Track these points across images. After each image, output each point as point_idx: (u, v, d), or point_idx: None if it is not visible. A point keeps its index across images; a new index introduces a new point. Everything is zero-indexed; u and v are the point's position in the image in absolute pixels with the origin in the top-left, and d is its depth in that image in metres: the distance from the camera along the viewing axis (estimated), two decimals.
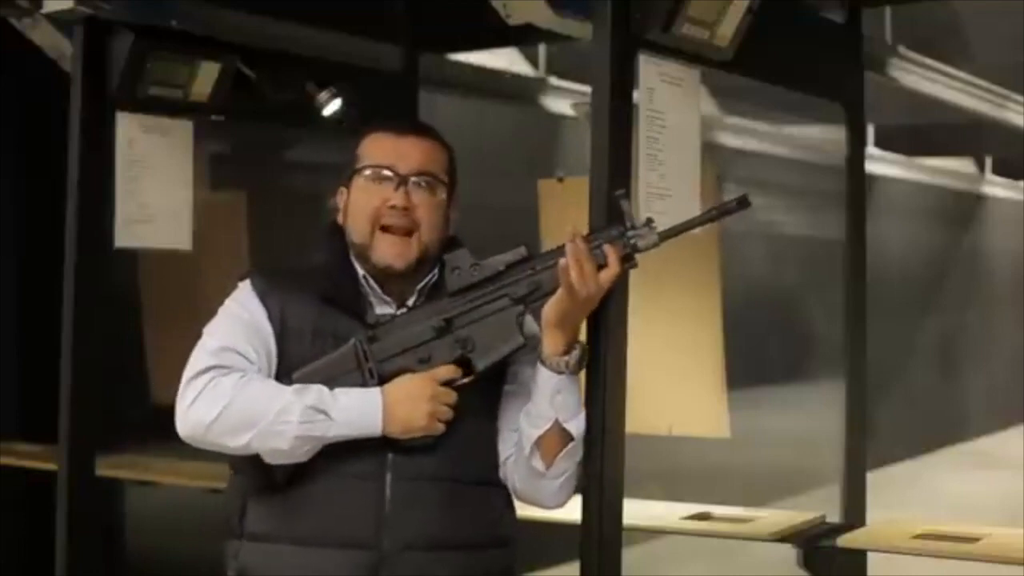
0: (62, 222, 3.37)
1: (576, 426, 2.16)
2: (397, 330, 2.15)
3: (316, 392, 2.09)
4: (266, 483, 2.13)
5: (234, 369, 2.10)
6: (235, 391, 2.08)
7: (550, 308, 2.13)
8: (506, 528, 2.24)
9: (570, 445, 2.16)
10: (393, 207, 2.16)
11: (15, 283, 4.59)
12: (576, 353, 2.16)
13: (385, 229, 2.17)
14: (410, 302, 2.21)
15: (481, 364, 2.14)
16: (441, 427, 2.10)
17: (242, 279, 2.23)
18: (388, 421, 2.08)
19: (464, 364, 2.14)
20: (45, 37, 3.44)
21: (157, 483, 3.86)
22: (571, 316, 2.15)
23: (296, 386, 2.10)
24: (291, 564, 2.12)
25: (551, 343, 2.14)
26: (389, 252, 2.16)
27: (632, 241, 2.18)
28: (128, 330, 4.12)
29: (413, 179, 2.18)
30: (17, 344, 4.54)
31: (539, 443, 2.14)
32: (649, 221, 2.21)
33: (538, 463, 2.15)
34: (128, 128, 3.46)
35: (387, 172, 2.18)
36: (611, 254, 2.15)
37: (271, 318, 2.16)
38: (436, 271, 2.21)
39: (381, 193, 2.17)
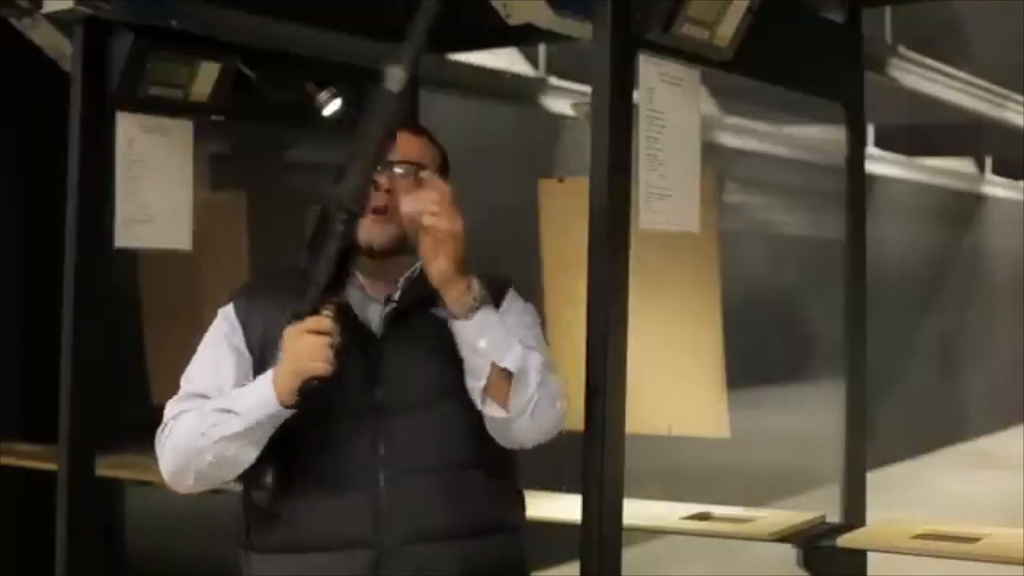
0: (62, 222, 3.37)
1: (512, 360, 2.10)
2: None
3: (225, 397, 2.12)
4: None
5: (221, 410, 2.12)
6: (168, 441, 2.15)
7: (429, 271, 2.10)
8: (508, 512, 2.23)
9: (515, 380, 2.11)
10: (376, 189, 2.15)
11: (15, 283, 4.59)
12: (475, 289, 2.11)
13: (368, 212, 2.15)
14: (396, 296, 2.20)
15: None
16: (318, 365, 2.03)
17: (228, 302, 2.25)
18: (280, 389, 2.06)
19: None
20: (45, 37, 3.44)
21: (157, 483, 3.85)
22: (447, 263, 2.09)
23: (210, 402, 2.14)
24: (297, 571, 2.13)
25: (448, 297, 2.10)
26: (369, 229, 2.15)
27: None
28: (128, 330, 4.12)
29: (397, 169, 2.18)
30: (17, 344, 4.54)
31: (488, 392, 2.11)
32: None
33: (496, 410, 2.11)
34: (128, 128, 3.46)
35: None
36: (429, 182, 2.13)
37: (250, 344, 2.19)
38: (419, 264, 2.18)
39: None
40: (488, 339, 2.10)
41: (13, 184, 4.59)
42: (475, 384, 2.12)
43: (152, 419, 2.20)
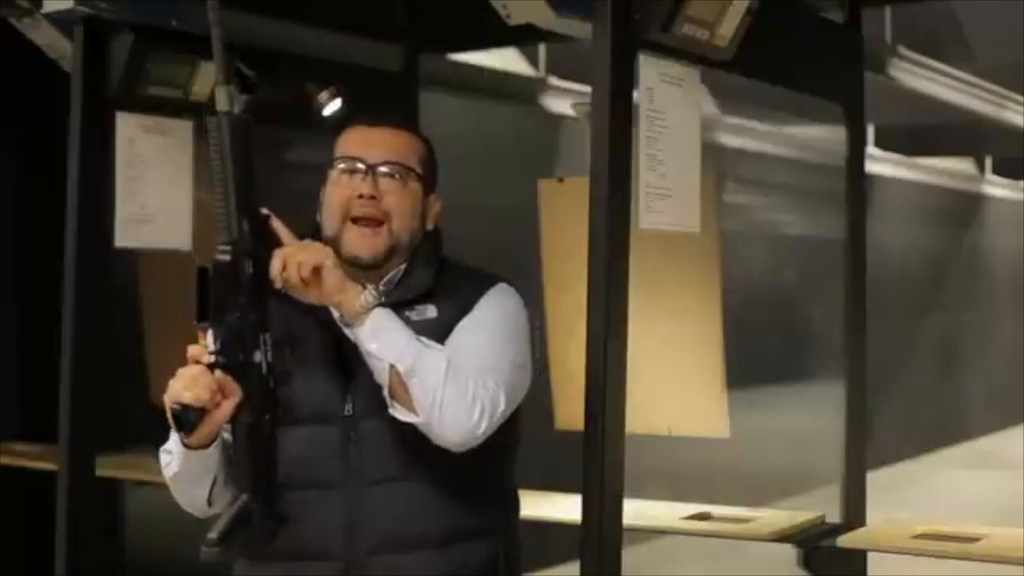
0: (62, 222, 3.37)
1: (404, 362, 2.02)
2: None
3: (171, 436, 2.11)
4: None
5: (164, 451, 2.14)
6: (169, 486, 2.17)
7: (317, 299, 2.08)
8: (486, 516, 2.18)
9: (407, 378, 2.02)
10: (361, 196, 2.13)
11: (16, 283, 4.59)
12: (364, 295, 2.05)
13: (355, 220, 2.13)
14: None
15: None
16: (180, 393, 1.95)
17: None
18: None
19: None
20: (45, 37, 3.44)
21: (157, 483, 3.85)
22: (321, 294, 2.05)
23: None
24: None
25: (339, 311, 2.06)
26: (357, 243, 2.13)
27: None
28: (128, 330, 4.12)
29: (382, 169, 2.15)
30: (18, 344, 4.54)
31: (393, 396, 2.03)
32: None
33: (405, 414, 2.04)
34: (128, 128, 3.46)
35: (357, 164, 2.16)
36: (280, 231, 2.06)
37: None
38: (403, 266, 2.17)
39: (351, 185, 2.15)
40: (380, 341, 2.03)
41: (13, 184, 4.59)
42: (384, 391, 2.05)
43: (152, 419, 2.19)
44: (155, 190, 3.51)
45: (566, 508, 3.22)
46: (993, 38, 7.09)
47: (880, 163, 9.94)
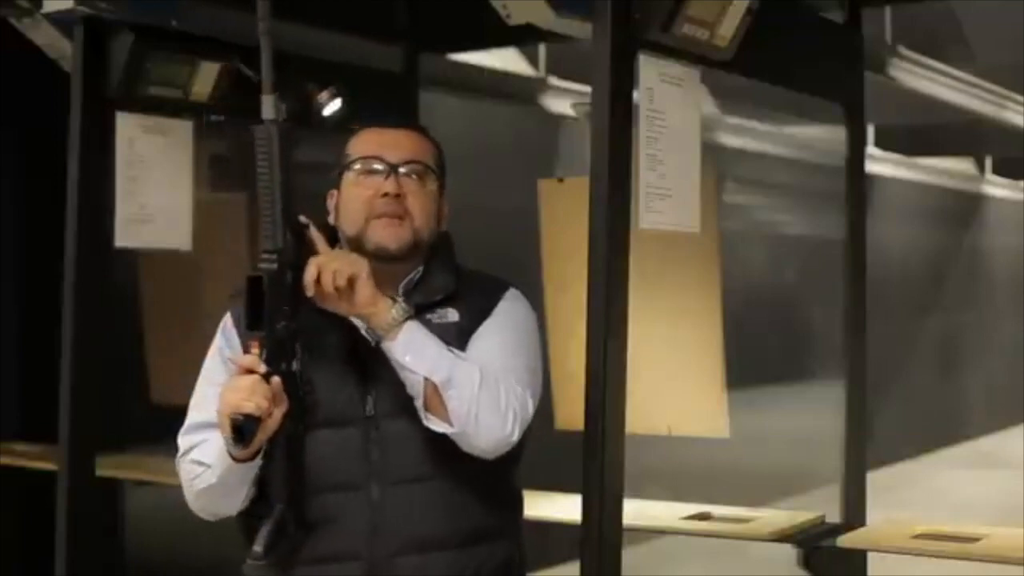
0: (62, 222, 3.37)
1: (439, 374, 2.04)
2: None
3: (199, 447, 2.10)
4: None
5: (195, 461, 2.11)
6: (191, 495, 2.14)
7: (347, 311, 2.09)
8: (502, 517, 2.20)
9: (442, 390, 2.04)
10: (385, 195, 2.13)
11: (16, 283, 4.60)
12: (396, 308, 2.07)
13: (378, 217, 2.14)
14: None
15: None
16: (241, 404, 1.96)
17: (228, 301, 2.19)
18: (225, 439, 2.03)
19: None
20: (45, 37, 3.44)
21: (157, 483, 3.86)
22: (352, 307, 2.06)
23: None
24: None
25: (370, 323, 2.08)
26: (383, 233, 2.13)
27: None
28: (128, 330, 4.12)
29: (402, 168, 2.16)
30: (17, 344, 4.54)
31: (428, 408, 2.06)
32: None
33: (440, 425, 2.06)
34: (128, 128, 3.46)
35: (376, 164, 2.16)
36: (316, 239, 2.07)
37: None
38: (420, 269, 2.18)
39: (372, 184, 2.15)
40: (413, 354, 2.05)
41: (13, 184, 4.59)
42: (417, 403, 2.07)
43: (152, 419, 2.19)
44: (155, 190, 3.51)
45: (566, 508, 3.22)
46: (993, 38, 7.09)
47: (880, 163, 9.94)
